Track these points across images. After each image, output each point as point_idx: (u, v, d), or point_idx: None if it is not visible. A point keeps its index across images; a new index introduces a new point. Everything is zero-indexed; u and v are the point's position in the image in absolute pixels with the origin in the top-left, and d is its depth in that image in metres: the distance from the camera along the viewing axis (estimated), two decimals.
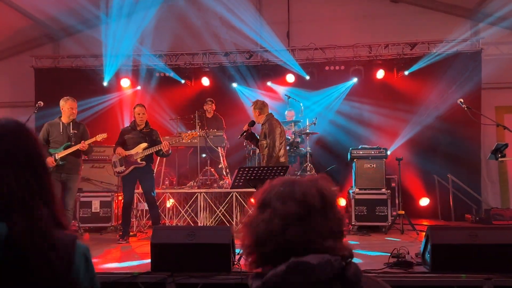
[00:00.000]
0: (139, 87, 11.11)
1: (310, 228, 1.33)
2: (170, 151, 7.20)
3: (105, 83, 10.94)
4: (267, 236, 1.34)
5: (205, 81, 10.90)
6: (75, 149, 6.62)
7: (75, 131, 6.79)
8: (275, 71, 10.84)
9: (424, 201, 10.06)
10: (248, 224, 1.42)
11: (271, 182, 1.46)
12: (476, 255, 4.37)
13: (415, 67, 10.14)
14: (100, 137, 6.88)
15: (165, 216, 8.53)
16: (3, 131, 1.47)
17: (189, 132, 7.56)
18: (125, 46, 10.74)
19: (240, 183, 5.22)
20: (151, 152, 7.08)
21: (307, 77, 10.58)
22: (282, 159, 6.90)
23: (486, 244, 4.39)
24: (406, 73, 10.27)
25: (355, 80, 10.55)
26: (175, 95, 10.95)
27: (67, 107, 6.75)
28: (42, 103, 6.89)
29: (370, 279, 1.41)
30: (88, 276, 1.47)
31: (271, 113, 7.22)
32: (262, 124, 7.04)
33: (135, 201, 8.12)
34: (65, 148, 6.63)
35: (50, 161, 6.53)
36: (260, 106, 7.15)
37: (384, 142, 9.43)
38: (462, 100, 5.96)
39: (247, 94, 10.85)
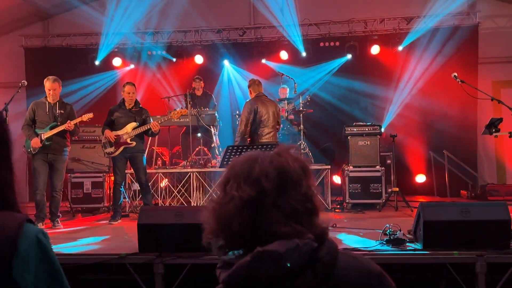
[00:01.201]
0: (132, 66, 10.95)
1: (267, 210, 1.22)
2: (158, 130, 7.08)
3: (97, 62, 10.78)
4: (229, 220, 1.25)
5: (198, 59, 10.73)
6: (61, 129, 6.50)
7: (61, 111, 6.65)
8: (269, 48, 10.67)
9: (421, 178, 10.01)
10: (211, 205, 1.31)
11: (235, 159, 1.35)
12: (468, 232, 4.31)
13: (407, 41, 9.97)
14: (86, 117, 6.75)
15: (158, 196, 8.45)
16: None
17: (177, 109, 7.42)
18: (122, 25, 10.55)
19: (229, 162, 5.12)
20: (140, 131, 6.96)
21: (304, 53, 10.42)
22: (253, 138, 6.89)
23: (478, 221, 4.32)
24: (400, 48, 10.10)
25: (349, 56, 10.39)
26: (167, 73, 10.80)
27: (46, 88, 6.60)
28: (25, 82, 6.74)
29: (347, 257, 1.30)
30: (44, 261, 1.26)
31: (261, 93, 7.14)
32: None
33: (128, 182, 8.04)
34: (51, 129, 6.51)
35: (36, 142, 6.42)
36: (251, 84, 7.28)
37: (379, 119, 9.33)
38: (456, 74, 5.82)
39: (239, 72, 10.70)
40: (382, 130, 8.24)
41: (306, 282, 1.18)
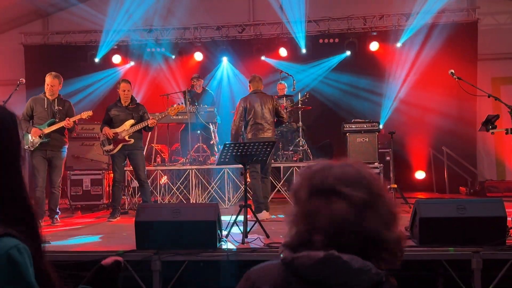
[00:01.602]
0: (132, 63, 10.97)
1: (378, 215, 1.23)
2: (153, 126, 7.14)
3: (96, 60, 10.79)
4: (342, 226, 1.21)
5: (198, 56, 10.73)
6: (59, 126, 6.52)
7: (60, 108, 6.66)
8: (268, 45, 10.68)
9: (420, 175, 10.02)
10: (309, 215, 1.26)
11: (319, 163, 1.32)
12: (464, 228, 4.32)
13: (404, 37, 9.96)
14: (85, 114, 6.77)
15: (158, 194, 8.48)
16: None
17: (174, 105, 7.43)
18: (121, 22, 10.55)
19: (226, 159, 5.14)
20: (138, 128, 6.97)
21: (304, 50, 10.42)
22: (249, 135, 6.87)
23: (474, 217, 4.33)
24: (399, 44, 10.09)
25: (348, 53, 10.39)
26: (167, 70, 10.80)
27: (46, 83, 6.62)
28: (23, 80, 6.76)
29: None
30: (15, 284, 1.19)
31: (258, 89, 7.10)
32: None
33: (127, 179, 8.07)
34: (49, 125, 6.53)
35: (36, 131, 6.43)
36: (251, 80, 7.21)
37: (378, 116, 9.33)
38: (453, 71, 5.81)
39: (238, 69, 10.70)
40: (381, 127, 8.25)
41: None
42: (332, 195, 1.22)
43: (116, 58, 10.88)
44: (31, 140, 6.50)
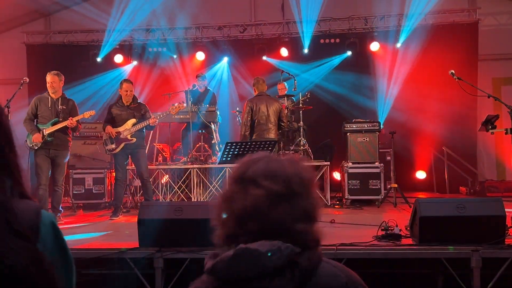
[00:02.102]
0: (134, 62, 11.00)
1: (292, 209, 1.30)
2: (154, 125, 7.21)
3: (99, 59, 10.83)
4: (251, 214, 1.29)
5: (200, 56, 10.76)
6: (62, 125, 6.56)
7: (64, 107, 6.70)
8: (269, 45, 10.71)
9: (420, 174, 10.06)
10: (226, 200, 1.36)
11: (252, 156, 1.42)
12: (464, 227, 4.36)
13: (402, 38, 9.99)
14: (88, 114, 6.82)
15: (159, 192, 8.52)
16: None
17: (176, 104, 7.47)
18: (123, 22, 10.59)
19: (228, 158, 5.18)
20: (140, 127, 7.02)
21: (306, 50, 10.45)
22: (253, 135, 7.09)
23: (474, 216, 4.37)
24: (399, 44, 10.12)
25: (349, 53, 10.43)
26: (168, 70, 10.85)
27: (47, 82, 6.66)
28: (27, 79, 6.78)
29: (329, 266, 1.36)
30: (58, 244, 1.38)
31: (263, 92, 7.39)
32: None
33: (129, 178, 8.10)
34: (53, 124, 6.57)
35: (37, 137, 6.48)
36: (255, 83, 7.52)
37: (378, 115, 9.37)
38: (453, 71, 5.85)
39: (239, 69, 10.73)
40: (382, 126, 8.28)
41: (283, 284, 1.23)
42: (249, 185, 1.31)
43: (118, 58, 10.92)
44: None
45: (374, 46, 10.28)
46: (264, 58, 10.72)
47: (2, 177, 1.34)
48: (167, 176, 8.68)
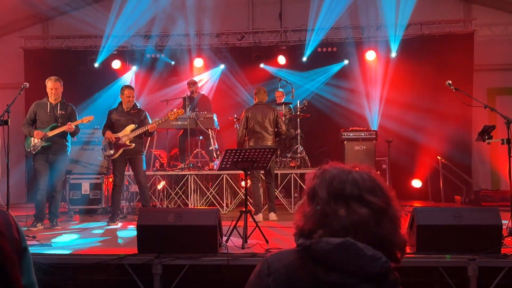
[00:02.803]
0: (131, 68, 11.01)
1: (390, 222, 1.36)
2: (154, 131, 7.23)
3: (96, 64, 10.84)
4: (356, 231, 1.33)
5: (198, 63, 10.80)
6: (61, 130, 6.57)
7: (63, 112, 6.72)
8: (267, 53, 10.77)
9: (416, 183, 10.11)
10: (323, 216, 1.36)
11: (336, 169, 1.44)
12: (461, 236, 4.40)
13: (394, 48, 10.08)
14: (86, 119, 6.82)
15: (156, 198, 8.53)
16: None
17: (174, 110, 7.50)
18: (122, 27, 10.62)
19: (228, 165, 5.21)
20: (139, 133, 7.03)
21: (305, 58, 10.52)
22: (250, 143, 7.37)
23: (471, 225, 4.41)
24: (394, 54, 10.20)
25: (346, 62, 10.51)
26: (167, 76, 10.88)
27: (48, 88, 6.69)
28: (27, 84, 6.78)
29: None
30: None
31: (261, 101, 7.57)
32: None
33: (126, 183, 8.10)
34: (52, 129, 6.58)
35: (39, 133, 6.47)
36: (256, 92, 7.69)
37: (375, 124, 9.43)
38: (450, 82, 5.92)
39: (237, 76, 10.78)
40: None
41: None
42: (353, 201, 1.33)
43: (116, 64, 10.93)
44: (33, 144, 6.55)
45: (370, 56, 10.35)
46: (262, 65, 10.78)
47: None
48: (164, 182, 8.69)
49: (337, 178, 1.38)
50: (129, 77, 10.99)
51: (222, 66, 10.92)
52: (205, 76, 10.96)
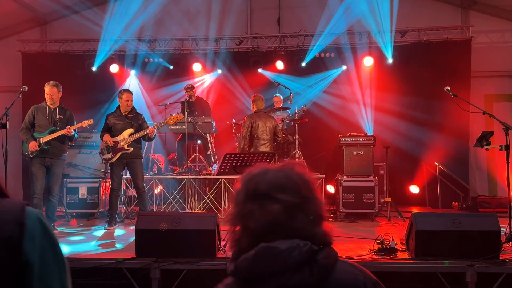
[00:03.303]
0: (129, 72, 10.99)
1: (305, 216, 1.36)
2: (154, 135, 7.19)
3: (94, 68, 10.83)
4: (271, 229, 1.34)
5: (196, 67, 10.79)
6: (59, 134, 6.55)
7: (61, 116, 6.71)
8: (265, 58, 10.79)
9: (413, 189, 10.12)
10: (242, 217, 1.39)
11: (254, 170, 1.46)
12: (459, 242, 4.42)
13: (389, 54, 10.12)
14: (86, 123, 6.81)
15: (153, 203, 8.50)
16: None
17: (173, 114, 7.50)
18: (120, 31, 10.63)
19: (226, 170, 5.21)
20: (137, 137, 7.03)
21: (303, 64, 10.54)
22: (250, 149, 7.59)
23: (469, 231, 4.43)
24: (391, 60, 10.22)
25: (344, 67, 10.53)
26: (165, 81, 10.88)
27: (45, 93, 6.68)
28: (26, 88, 6.77)
29: (346, 264, 1.41)
30: (47, 240, 1.35)
31: (260, 109, 7.99)
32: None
33: (123, 187, 8.08)
34: (50, 133, 6.56)
35: (33, 146, 6.47)
36: (254, 100, 8.12)
37: (373, 130, 9.45)
38: (448, 88, 5.94)
39: (236, 81, 10.79)
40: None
41: (303, 279, 1.29)
42: (265, 200, 1.35)
43: (114, 68, 10.91)
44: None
45: (368, 61, 10.37)
46: (260, 70, 10.80)
47: None
48: (161, 186, 8.68)
49: (254, 178, 1.41)
50: (127, 81, 10.97)
51: (220, 71, 10.93)
52: (203, 81, 10.96)
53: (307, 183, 1.41)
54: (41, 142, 6.50)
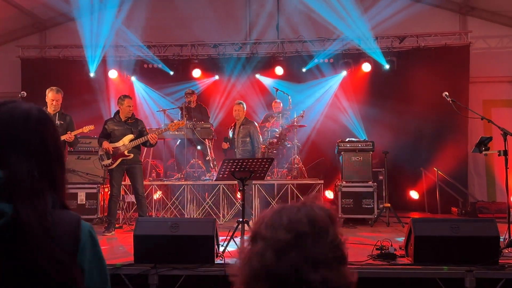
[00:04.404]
0: (130, 78, 11.00)
1: (303, 255, 1.18)
2: (156, 142, 7.18)
3: (91, 74, 10.83)
4: (261, 270, 1.19)
5: (196, 73, 10.79)
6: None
7: (61, 122, 6.71)
8: (264, 64, 10.81)
9: (412, 194, 10.11)
10: (242, 259, 1.26)
11: (262, 213, 1.32)
12: (458, 247, 4.41)
13: (382, 62, 10.15)
14: (87, 128, 6.82)
15: (152, 209, 8.50)
16: (24, 116, 1.46)
17: (175, 121, 7.50)
18: (119, 37, 10.65)
19: (225, 175, 5.20)
20: (138, 143, 7.03)
21: (303, 70, 10.56)
22: None
23: (468, 237, 4.43)
24: (387, 66, 10.24)
25: (344, 73, 10.55)
26: (164, 86, 10.89)
27: (49, 99, 6.68)
28: (25, 94, 6.79)
29: None
30: (95, 253, 1.47)
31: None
32: (244, 124, 8.17)
33: (122, 193, 8.07)
34: None
35: None
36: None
37: (371, 135, 9.45)
38: (447, 93, 5.96)
39: (234, 87, 10.80)
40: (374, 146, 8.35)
41: None
42: (255, 239, 1.24)
43: (112, 73, 10.91)
44: None
45: (366, 67, 10.39)
46: (258, 76, 10.82)
47: (47, 191, 1.41)
48: (160, 192, 8.67)
49: (259, 219, 1.31)
50: (126, 86, 10.98)
51: (218, 77, 10.95)
52: (203, 86, 10.96)
53: (310, 217, 1.25)
54: None
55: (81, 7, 10.53)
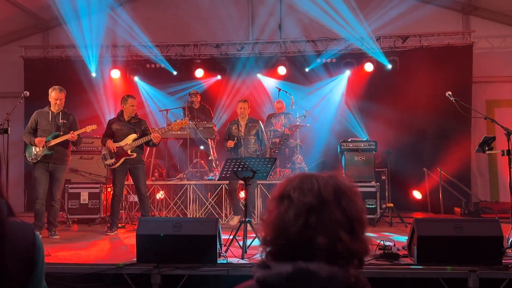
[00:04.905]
0: (136, 78, 10.99)
1: (320, 220, 1.28)
2: (159, 142, 7.19)
3: (93, 74, 10.84)
4: (283, 228, 1.30)
5: (198, 73, 10.78)
6: (63, 139, 6.55)
7: (65, 121, 6.71)
8: (266, 63, 10.80)
9: (415, 194, 10.09)
10: (266, 217, 1.38)
11: (289, 176, 1.44)
12: (461, 247, 4.40)
13: (385, 62, 10.13)
14: (90, 128, 6.81)
15: (155, 208, 8.50)
16: None
17: (178, 120, 7.50)
18: (121, 37, 10.66)
19: (228, 175, 5.20)
20: (141, 142, 7.03)
21: (306, 70, 10.54)
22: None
23: (471, 237, 4.41)
24: (389, 66, 10.22)
25: (347, 73, 10.53)
26: (167, 86, 10.88)
27: (52, 98, 6.68)
28: (28, 93, 6.79)
29: None
30: (42, 253, 1.47)
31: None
32: (251, 121, 8.12)
33: (125, 193, 8.08)
34: (54, 138, 6.56)
35: (40, 140, 6.45)
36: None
37: (374, 135, 9.44)
38: (450, 93, 5.95)
39: (236, 86, 10.79)
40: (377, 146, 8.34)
41: None
42: (284, 199, 1.34)
43: (115, 73, 10.92)
44: (35, 153, 6.53)
45: (369, 67, 10.36)
46: (261, 76, 10.81)
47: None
48: (163, 192, 8.67)
49: (283, 182, 1.42)
50: (128, 86, 10.98)
51: (220, 77, 10.94)
52: (205, 86, 10.96)
53: (334, 185, 1.37)
54: (46, 141, 6.48)
55: (81, 7, 10.54)
